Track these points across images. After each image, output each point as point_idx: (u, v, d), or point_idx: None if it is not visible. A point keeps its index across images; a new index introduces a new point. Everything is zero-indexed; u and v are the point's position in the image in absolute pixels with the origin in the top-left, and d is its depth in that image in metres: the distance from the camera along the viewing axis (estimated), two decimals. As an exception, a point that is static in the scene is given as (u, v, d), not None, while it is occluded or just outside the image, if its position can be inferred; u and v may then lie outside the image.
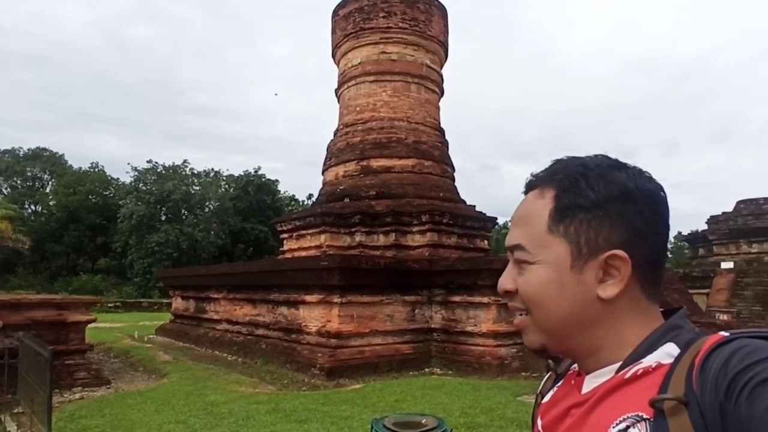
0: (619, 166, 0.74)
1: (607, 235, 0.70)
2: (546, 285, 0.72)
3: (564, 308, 0.71)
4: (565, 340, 0.73)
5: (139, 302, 29.96)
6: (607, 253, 0.69)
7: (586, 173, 0.72)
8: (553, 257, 0.72)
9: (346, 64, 15.63)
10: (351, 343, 9.93)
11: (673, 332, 0.69)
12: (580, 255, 0.71)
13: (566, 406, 0.75)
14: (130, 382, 9.13)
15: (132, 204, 35.49)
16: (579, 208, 0.71)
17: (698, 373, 0.60)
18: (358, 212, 13.14)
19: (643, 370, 0.66)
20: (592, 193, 0.71)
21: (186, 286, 15.74)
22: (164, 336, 15.47)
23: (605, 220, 0.70)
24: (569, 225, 0.71)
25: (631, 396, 0.65)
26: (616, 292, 0.69)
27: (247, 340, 11.97)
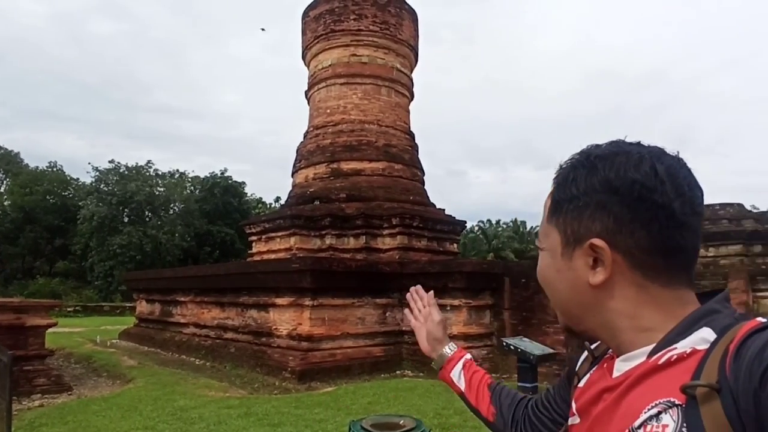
0: (619, 153, 0.74)
1: (587, 225, 0.73)
2: (547, 269, 0.81)
3: (562, 292, 0.78)
4: (577, 321, 0.79)
5: (101, 306, 29.07)
6: (588, 241, 0.73)
7: (576, 168, 0.77)
8: (551, 245, 0.79)
9: (316, 66, 15.57)
10: (322, 346, 9.87)
11: (710, 317, 0.68)
12: (568, 243, 0.76)
13: (599, 390, 0.76)
14: (93, 388, 8.85)
15: (93, 205, 34.45)
16: (565, 200, 0.77)
17: (732, 359, 0.59)
18: (328, 215, 13.09)
19: (677, 355, 0.66)
20: (574, 187, 0.76)
21: (151, 289, 15.35)
22: (128, 340, 15.04)
23: (585, 210, 0.74)
24: (559, 216, 0.78)
25: (663, 382, 0.65)
26: (601, 279, 0.72)
27: (216, 344, 11.76)
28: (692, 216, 0.71)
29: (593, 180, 0.74)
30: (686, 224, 0.71)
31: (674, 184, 0.70)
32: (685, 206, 0.70)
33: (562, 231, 0.77)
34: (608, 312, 0.74)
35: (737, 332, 0.62)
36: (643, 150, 0.74)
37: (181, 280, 13.77)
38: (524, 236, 41.87)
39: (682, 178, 0.71)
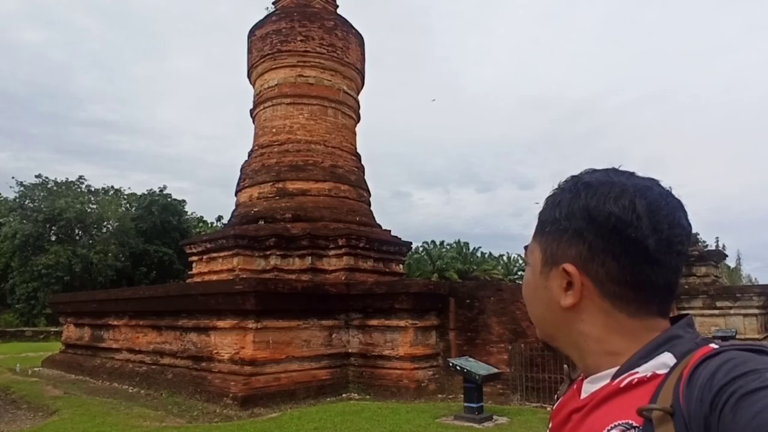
0: (604, 183, 0.75)
1: (564, 249, 0.76)
2: (528, 286, 0.84)
3: (538, 307, 0.81)
4: (551, 338, 0.82)
5: (21, 331, 27.06)
6: (561, 264, 0.76)
7: (563, 192, 0.79)
8: (533, 261, 0.82)
9: (262, 85, 15.43)
10: (266, 370, 9.59)
11: (672, 342, 0.70)
12: (546, 263, 0.79)
13: (568, 411, 0.78)
14: (11, 422, 8.17)
15: (16, 222, 32.26)
16: (548, 222, 0.80)
17: (685, 385, 0.61)
18: (273, 235, 12.86)
19: (638, 379, 0.68)
20: (557, 211, 0.78)
21: (81, 312, 14.45)
22: (53, 368, 14.04)
23: (564, 234, 0.76)
24: (542, 236, 0.81)
25: (623, 404, 0.67)
26: (570, 302, 0.75)
27: (152, 370, 11.17)
28: (667, 254, 0.71)
29: (574, 206, 0.76)
30: (660, 261, 0.71)
31: (652, 220, 0.71)
32: (660, 243, 0.70)
33: (542, 250, 0.80)
34: (577, 334, 0.76)
35: (691, 358, 0.64)
36: (630, 182, 0.75)
37: (115, 302, 13.05)
38: (467, 257, 42.65)
39: (663, 216, 0.72)
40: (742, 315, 13.20)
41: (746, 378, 0.56)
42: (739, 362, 0.59)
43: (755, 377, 0.55)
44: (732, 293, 13.62)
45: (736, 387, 0.56)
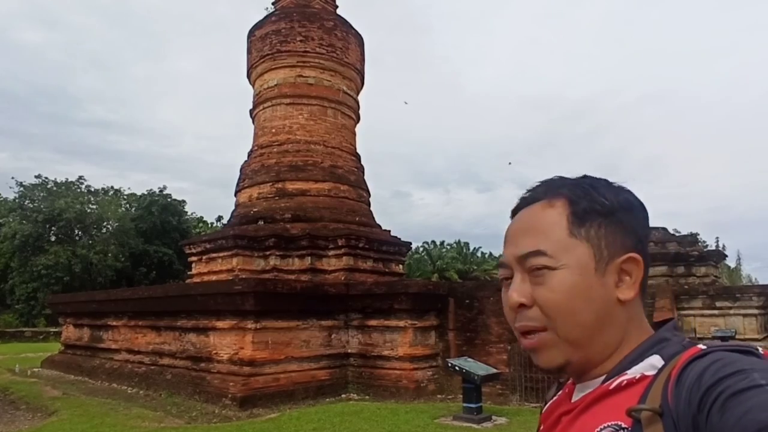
0: (610, 183, 0.79)
1: (622, 240, 0.74)
2: (573, 290, 0.71)
3: (592, 312, 0.71)
4: (589, 349, 0.73)
5: (21, 332, 27.02)
6: (624, 256, 0.73)
7: (594, 185, 0.77)
8: (576, 260, 0.72)
9: (261, 85, 15.42)
10: (265, 371, 9.57)
11: (660, 344, 0.71)
12: (601, 258, 0.72)
13: (559, 413, 0.78)
14: (10, 423, 8.16)
15: (15, 222, 32.25)
16: (596, 213, 0.74)
17: (673, 385, 0.62)
18: (272, 235, 12.85)
19: (627, 381, 0.68)
20: (606, 200, 0.75)
21: (80, 312, 14.43)
22: (52, 369, 14.02)
23: (619, 225, 0.74)
24: (590, 228, 0.73)
25: (613, 405, 0.67)
26: (632, 295, 0.73)
27: (151, 371, 11.16)
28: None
29: (620, 197, 0.76)
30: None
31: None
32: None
33: (594, 245, 0.72)
34: (619, 332, 0.73)
35: (679, 359, 0.65)
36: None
37: (114, 302, 13.03)
38: (468, 257, 42.64)
39: None
40: (741, 315, 13.18)
41: (734, 378, 0.56)
42: (727, 363, 0.59)
43: (742, 377, 0.56)
44: (732, 293, 13.60)
45: (724, 387, 0.56)
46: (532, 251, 0.73)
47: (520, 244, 0.75)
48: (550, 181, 0.80)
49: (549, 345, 0.73)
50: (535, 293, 0.72)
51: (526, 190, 0.82)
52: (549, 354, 0.73)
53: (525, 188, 0.82)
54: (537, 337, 0.73)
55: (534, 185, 0.81)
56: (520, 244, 0.75)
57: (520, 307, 0.74)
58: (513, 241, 0.77)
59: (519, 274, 0.75)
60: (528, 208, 0.78)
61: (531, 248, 0.73)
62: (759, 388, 0.54)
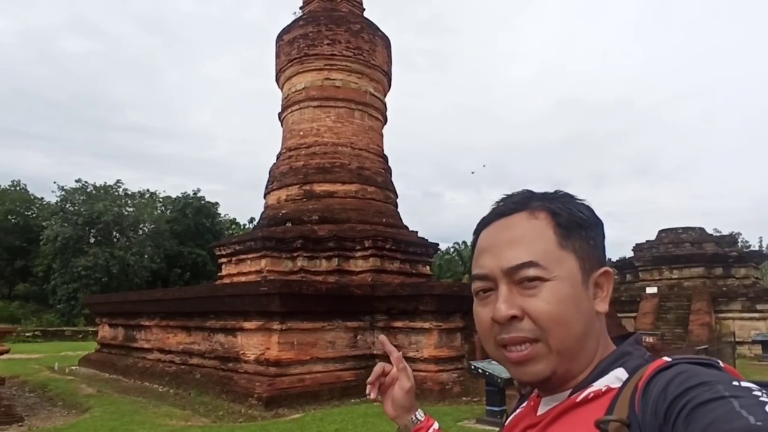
0: (575, 198, 0.81)
1: (596, 253, 0.76)
2: (566, 301, 0.71)
3: (582, 323, 0.72)
4: (575, 360, 0.73)
5: (62, 331, 27.99)
6: (600, 270, 0.75)
7: (568, 199, 0.78)
8: (567, 272, 0.72)
9: (290, 89, 15.59)
10: (291, 371, 9.65)
11: (624, 358, 0.72)
12: (585, 270, 0.73)
13: (524, 426, 0.78)
14: (47, 419, 8.43)
15: (57, 225, 33.42)
16: (578, 226, 0.75)
17: (640, 396, 0.62)
18: (300, 237, 12.97)
19: (594, 393, 0.69)
20: (582, 214, 0.76)
21: (114, 312, 14.86)
22: (88, 367, 14.47)
23: (594, 240, 0.76)
24: (575, 241, 0.74)
25: (581, 417, 0.67)
26: (607, 307, 0.75)
27: (181, 370, 11.40)
28: None
29: (591, 212, 0.78)
30: None
31: None
32: None
33: (579, 257, 0.73)
34: (596, 344, 0.75)
35: (645, 371, 0.65)
36: None
37: (146, 303, 13.37)
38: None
39: None
40: (784, 319, 12.65)
41: (698, 389, 0.57)
42: (691, 375, 0.60)
43: (707, 389, 0.56)
44: (774, 296, 13.08)
45: (689, 398, 0.56)
46: (524, 262, 0.72)
47: (506, 255, 0.73)
48: (521, 194, 0.79)
49: (541, 356, 0.72)
50: (527, 305, 0.71)
51: (495, 202, 0.81)
52: (538, 366, 0.72)
53: (556, 187, 0.81)
54: (528, 349, 0.72)
55: (503, 197, 0.81)
56: (507, 255, 0.73)
57: (511, 319, 0.72)
58: (495, 252, 0.75)
59: (505, 286, 0.73)
60: (507, 219, 0.77)
61: (523, 259, 0.72)
62: (723, 400, 0.54)
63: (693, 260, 22.65)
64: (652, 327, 19.68)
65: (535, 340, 0.71)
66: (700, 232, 24.80)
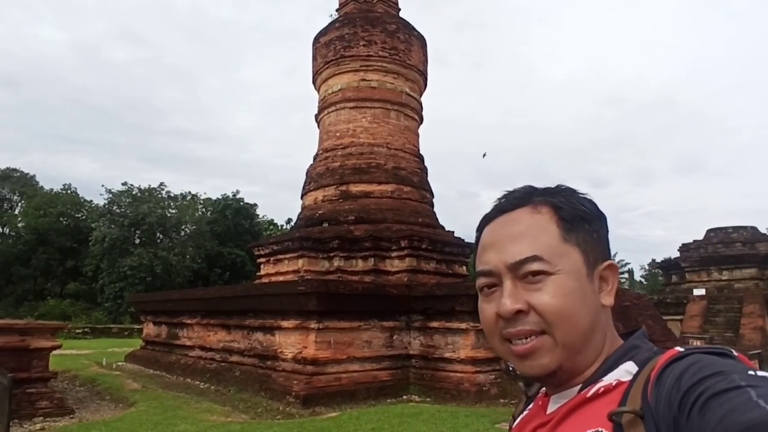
0: (578, 192, 0.81)
1: (601, 247, 0.76)
2: (572, 294, 0.71)
3: (588, 317, 0.71)
4: (582, 353, 0.72)
5: (109, 328, 29.05)
6: (605, 263, 0.75)
7: (570, 193, 0.78)
8: (572, 266, 0.72)
9: (326, 91, 15.73)
10: (328, 370, 9.73)
11: (633, 351, 0.73)
12: (589, 263, 0.73)
13: (533, 426, 0.77)
14: (95, 412, 8.75)
15: (105, 227, 34.75)
16: (582, 219, 0.75)
17: (653, 387, 0.62)
18: (336, 237, 13.06)
19: (604, 388, 0.69)
20: (585, 208, 0.76)
21: (158, 311, 15.32)
22: (134, 363, 14.97)
23: (597, 233, 0.76)
24: (579, 234, 0.74)
25: (592, 412, 0.67)
26: (612, 301, 0.74)
27: (221, 367, 11.65)
28: None
29: (593, 206, 0.78)
30: None
31: None
32: None
33: (584, 250, 0.73)
34: (602, 338, 0.74)
35: (658, 361, 0.65)
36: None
37: (188, 302, 13.73)
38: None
39: None
40: None
41: (713, 379, 0.56)
42: (705, 364, 0.60)
43: (722, 378, 0.56)
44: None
45: (704, 388, 0.56)
46: (528, 257, 0.71)
47: (510, 250, 0.73)
48: (523, 189, 0.80)
49: (546, 349, 0.71)
50: (533, 299, 0.71)
51: (497, 198, 0.81)
52: (544, 359, 0.72)
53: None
54: (533, 341, 0.71)
55: (505, 193, 0.81)
56: (511, 250, 0.73)
57: (517, 313, 0.71)
58: (499, 247, 0.75)
59: (509, 281, 0.73)
60: (509, 214, 0.77)
61: (527, 254, 0.72)
62: (739, 389, 0.54)
63: (744, 261, 21.70)
64: (699, 330, 18.94)
65: (542, 332, 0.71)
66: (752, 231, 23.71)
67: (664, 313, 18.86)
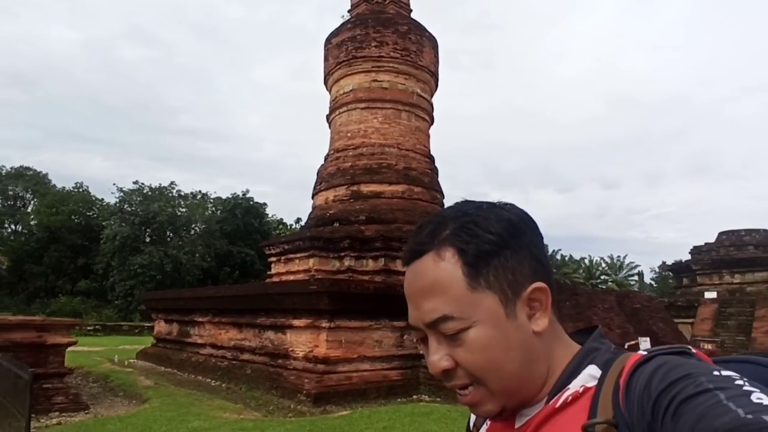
0: (487, 205, 0.75)
1: (521, 272, 0.70)
2: (491, 345, 0.68)
3: (516, 360, 0.69)
4: (521, 391, 0.71)
5: (120, 325, 29.31)
6: (529, 288, 0.70)
7: (474, 220, 0.71)
8: (486, 313, 0.68)
9: (337, 91, 15.80)
10: (339, 369, 9.78)
11: (592, 354, 0.71)
12: (508, 300, 0.69)
13: None
14: (110, 408, 8.87)
15: (116, 225, 35.03)
16: (488, 254, 0.69)
17: (624, 394, 0.61)
18: (347, 237, 13.11)
19: (572, 396, 0.67)
20: (491, 236, 0.70)
21: (170, 309, 15.45)
22: (145, 360, 15.10)
23: (514, 258, 0.70)
24: (488, 275, 0.69)
25: (563, 423, 0.66)
26: (546, 323, 0.70)
27: (232, 365, 11.73)
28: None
29: (504, 224, 0.71)
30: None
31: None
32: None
33: (498, 290, 0.69)
34: (542, 362, 0.71)
35: (624, 365, 0.64)
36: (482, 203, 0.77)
37: (200, 300, 13.84)
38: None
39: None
40: None
41: (682, 383, 0.56)
42: (671, 367, 0.59)
43: (690, 382, 0.56)
44: None
45: (675, 393, 0.56)
46: (439, 317, 0.68)
47: (423, 308, 0.70)
48: (431, 226, 0.74)
49: (485, 398, 0.70)
50: (455, 355, 0.69)
51: (413, 235, 0.76)
52: (486, 407, 0.71)
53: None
54: (472, 393, 0.70)
55: (419, 226, 0.76)
56: (424, 308, 0.70)
57: (445, 371, 0.70)
58: (415, 303, 0.72)
59: (433, 337, 0.71)
60: (419, 262, 0.72)
61: (437, 314, 0.69)
62: (708, 393, 0.54)
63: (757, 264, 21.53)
64: (710, 334, 18.81)
65: (477, 383, 0.69)
66: (764, 234, 23.51)
67: (675, 315, 18.76)
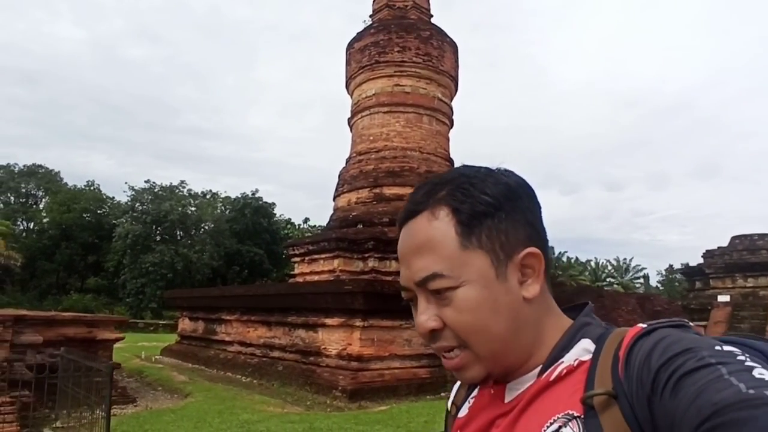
0: (486, 169, 0.74)
1: (515, 235, 0.69)
2: (479, 306, 0.66)
3: (503, 323, 0.67)
4: (507, 357, 0.69)
5: (135, 323, 29.59)
6: (522, 252, 0.68)
7: (472, 182, 0.70)
8: (476, 273, 0.67)
9: (360, 95, 16.12)
10: (371, 366, 10.11)
11: (585, 328, 0.70)
12: (499, 262, 0.67)
13: (490, 418, 0.72)
14: (155, 401, 9.20)
15: (128, 223, 35.35)
16: (482, 215, 0.68)
17: (623, 366, 0.60)
18: (371, 238, 13.43)
19: (566, 369, 0.66)
20: (487, 197, 0.69)
21: (195, 307, 15.77)
22: (171, 357, 15.43)
23: (509, 220, 0.69)
24: (480, 234, 0.68)
25: (558, 396, 0.64)
26: (538, 290, 0.69)
27: (263, 362, 12.05)
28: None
29: (500, 187, 0.70)
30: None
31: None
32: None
33: (489, 250, 0.67)
34: (531, 330, 0.69)
35: (623, 338, 0.63)
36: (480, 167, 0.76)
37: (227, 299, 14.16)
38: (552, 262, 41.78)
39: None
40: None
41: (683, 357, 0.55)
42: (673, 341, 0.58)
43: (691, 356, 0.55)
44: None
45: (675, 367, 0.55)
46: (429, 275, 0.67)
47: (414, 266, 0.69)
48: (427, 187, 0.73)
49: (470, 362, 0.69)
50: (443, 315, 0.68)
51: (410, 196, 0.75)
52: (471, 371, 0.70)
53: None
54: (457, 357, 0.69)
55: (416, 188, 0.75)
56: (414, 266, 0.69)
57: (433, 331, 0.69)
58: (406, 262, 0.71)
59: (422, 297, 0.69)
60: (413, 222, 0.71)
61: (427, 272, 0.68)
62: (709, 368, 0.53)
63: (768, 267, 21.79)
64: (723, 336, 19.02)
65: (463, 345, 0.68)
66: (774, 236, 23.79)
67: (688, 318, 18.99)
